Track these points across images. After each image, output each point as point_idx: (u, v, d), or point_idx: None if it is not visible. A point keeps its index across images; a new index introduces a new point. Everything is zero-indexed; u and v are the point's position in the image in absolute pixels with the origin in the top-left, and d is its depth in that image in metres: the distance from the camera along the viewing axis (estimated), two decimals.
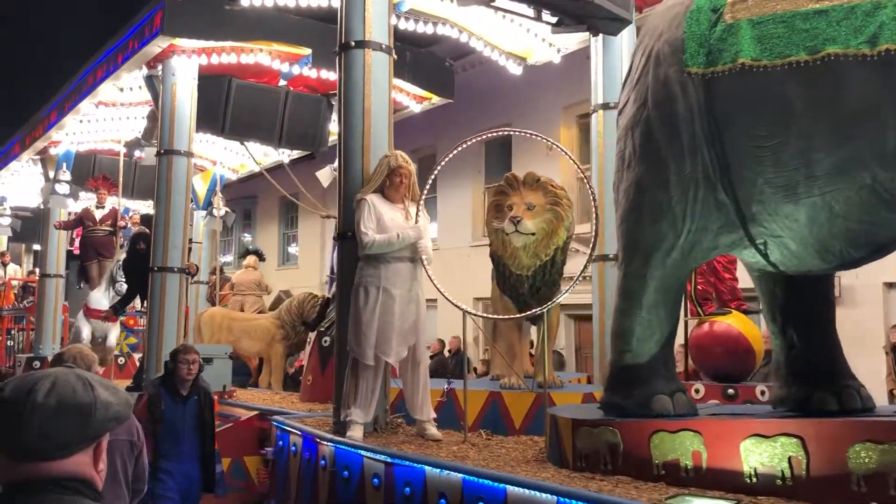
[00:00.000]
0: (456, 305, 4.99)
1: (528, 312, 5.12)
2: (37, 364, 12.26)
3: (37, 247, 20.69)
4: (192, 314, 11.41)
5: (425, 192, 5.17)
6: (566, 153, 5.08)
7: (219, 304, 12.43)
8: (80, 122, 11.01)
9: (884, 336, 8.82)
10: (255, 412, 7.94)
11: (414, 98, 9.83)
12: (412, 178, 5.13)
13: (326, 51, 8.56)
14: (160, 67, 8.95)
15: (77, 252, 14.83)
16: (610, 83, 6.75)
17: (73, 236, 14.79)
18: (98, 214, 11.59)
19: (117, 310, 9.29)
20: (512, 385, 5.36)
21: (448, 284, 10.19)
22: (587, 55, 10.99)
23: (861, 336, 8.55)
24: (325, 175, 10.88)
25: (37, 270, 19.63)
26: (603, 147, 6.72)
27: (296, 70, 8.99)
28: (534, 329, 6.04)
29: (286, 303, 10.93)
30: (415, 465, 4.06)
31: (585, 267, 4.78)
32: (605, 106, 6.75)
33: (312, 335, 9.14)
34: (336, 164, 11.24)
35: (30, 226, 18.89)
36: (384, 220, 4.98)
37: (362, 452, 4.48)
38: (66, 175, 12.38)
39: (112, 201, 12.39)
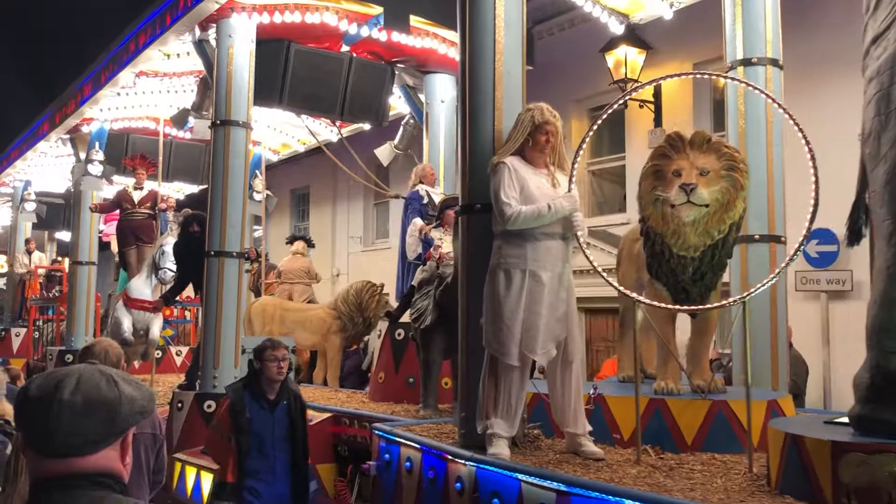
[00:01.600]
0: (624, 293, 4.08)
1: (724, 302, 4.18)
2: (69, 357, 11.40)
3: (59, 235, 19.89)
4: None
5: (582, 151, 4.22)
6: (784, 109, 4.15)
7: (264, 292, 11.55)
8: (118, 94, 10.11)
9: None
10: (328, 414, 7.06)
11: None
12: (559, 136, 4.20)
13: (399, 10, 7.65)
14: (211, 31, 8.06)
15: (106, 239, 14.02)
16: (752, 34, 5.79)
17: (101, 223, 13.94)
18: (136, 196, 10.69)
19: (168, 299, 8.40)
20: (670, 390, 4.43)
21: None
22: (599, 49, 10.33)
23: None
24: (385, 153, 9.98)
25: (59, 259, 18.89)
26: (744, 108, 5.76)
27: (364, 32, 8.05)
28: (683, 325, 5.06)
29: (342, 292, 10.04)
30: (607, 496, 3.14)
31: (799, 248, 3.85)
32: (746, 62, 5.79)
33: (384, 328, 8.23)
34: (397, 140, 10.41)
35: (54, 212, 18.11)
36: (529, 187, 4.05)
37: (520, 476, 3.56)
38: (98, 155, 11.51)
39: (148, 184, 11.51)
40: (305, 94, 8.50)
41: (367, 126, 10.70)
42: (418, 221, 8.01)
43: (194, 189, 15.60)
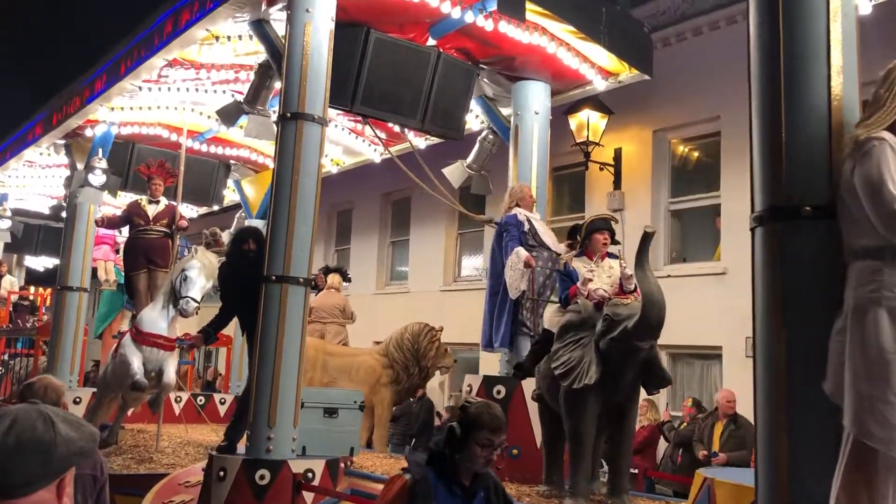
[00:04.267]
0: None
1: None
2: None
3: (28, 262, 17.90)
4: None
5: None
6: None
7: None
8: (139, 89, 8.49)
9: None
10: None
11: (599, 71, 7.49)
12: None
13: None
14: (276, 7, 6.58)
15: (93, 265, 12.22)
16: None
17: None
18: (151, 211, 8.98)
19: (210, 334, 6.64)
20: None
21: None
22: (564, 111, 9.88)
23: None
24: (456, 174, 8.48)
25: (26, 287, 16.87)
26: None
27: (468, 17, 6.62)
28: None
29: (396, 335, 8.47)
30: None
31: None
32: None
33: (475, 383, 6.62)
34: (471, 158, 8.93)
35: (28, 234, 16.26)
36: None
37: None
38: (101, 163, 9.86)
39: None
40: (383, 93, 7.00)
41: (421, 143, 9.22)
42: (522, 252, 6.51)
43: (193, 214, 13.93)
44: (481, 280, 14.70)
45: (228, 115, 7.30)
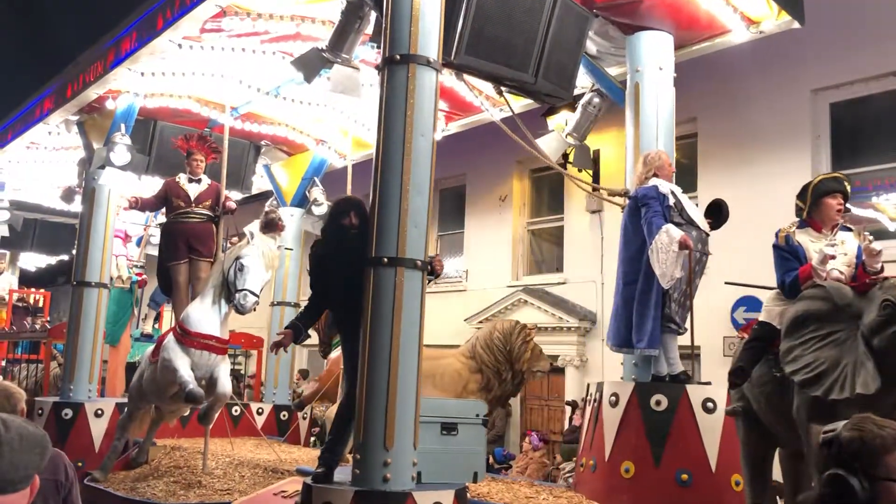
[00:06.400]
0: None
1: None
2: (68, 413, 8.28)
3: (23, 262, 16.45)
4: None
5: None
6: None
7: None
8: (180, 47, 7.19)
9: None
10: None
11: (743, 18, 6.31)
12: None
13: None
14: None
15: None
16: None
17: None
18: (192, 191, 7.68)
19: (301, 329, 5.26)
20: None
21: None
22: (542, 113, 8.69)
23: None
24: (554, 144, 7.27)
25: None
26: None
27: None
28: None
29: (483, 334, 7.25)
30: None
31: None
32: None
33: (614, 391, 5.39)
34: (572, 126, 7.71)
35: (25, 228, 14.88)
36: None
37: None
38: (124, 139, 8.58)
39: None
40: (492, 39, 5.73)
41: (496, 113, 7.91)
42: (674, 230, 5.31)
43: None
44: (461, 282, 14.54)
45: (308, 64, 5.97)
